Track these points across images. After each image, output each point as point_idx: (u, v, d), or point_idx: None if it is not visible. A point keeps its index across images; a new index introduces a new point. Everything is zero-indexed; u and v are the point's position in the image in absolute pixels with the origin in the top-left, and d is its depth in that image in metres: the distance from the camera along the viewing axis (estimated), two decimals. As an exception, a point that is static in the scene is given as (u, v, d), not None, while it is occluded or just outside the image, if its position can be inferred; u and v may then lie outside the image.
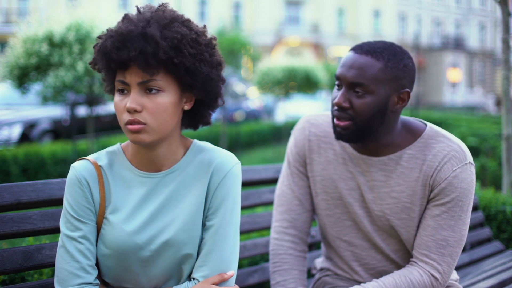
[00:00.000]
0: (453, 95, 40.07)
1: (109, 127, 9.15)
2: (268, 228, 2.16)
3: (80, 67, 5.51)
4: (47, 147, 7.13)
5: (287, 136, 10.37)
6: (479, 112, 24.65)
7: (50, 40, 5.65)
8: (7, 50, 6.03)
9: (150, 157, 1.38)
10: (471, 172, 1.61)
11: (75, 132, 7.17)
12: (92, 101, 6.13)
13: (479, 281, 2.05)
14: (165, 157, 1.38)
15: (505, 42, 3.35)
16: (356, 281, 1.77)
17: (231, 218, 1.39)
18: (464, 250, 2.54)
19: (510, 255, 2.53)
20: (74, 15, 5.86)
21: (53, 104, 6.53)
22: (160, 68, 1.28)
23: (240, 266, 2.44)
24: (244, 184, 2.20)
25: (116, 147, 1.43)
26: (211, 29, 1.46)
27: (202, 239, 1.38)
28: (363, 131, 1.60)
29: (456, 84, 41.60)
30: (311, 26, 36.96)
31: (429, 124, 1.69)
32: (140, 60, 1.25)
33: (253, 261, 2.51)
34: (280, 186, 1.85)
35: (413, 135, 1.66)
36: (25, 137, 8.29)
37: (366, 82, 1.56)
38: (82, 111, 8.16)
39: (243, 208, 2.14)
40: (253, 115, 15.21)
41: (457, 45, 43.03)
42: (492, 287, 2.00)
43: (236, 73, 15.95)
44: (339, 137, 1.63)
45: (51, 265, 1.54)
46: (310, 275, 2.29)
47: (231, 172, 1.40)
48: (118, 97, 1.32)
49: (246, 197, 2.13)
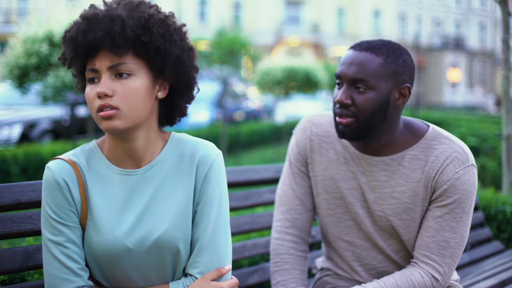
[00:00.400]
0: (453, 95, 40.06)
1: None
2: (268, 228, 2.16)
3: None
4: (47, 147, 7.12)
5: (287, 136, 10.36)
6: (479, 112, 24.64)
7: (50, 40, 5.64)
8: (7, 50, 6.02)
9: (127, 151, 1.33)
10: (473, 174, 1.61)
11: (75, 132, 7.17)
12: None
13: (479, 281, 2.05)
14: (143, 150, 1.33)
15: (505, 42, 3.35)
16: (356, 281, 1.77)
17: (220, 210, 1.36)
18: (464, 250, 2.53)
19: (510, 255, 2.53)
20: (74, 15, 5.85)
21: (53, 104, 6.52)
22: (128, 49, 1.25)
23: (240, 266, 2.44)
24: (244, 184, 2.20)
25: (92, 143, 1.37)
26: (211, 29, 1.45)
27: (192, 234, 1.34)
28: (365, 127, 1.60)
29: (456, 84, 41.60)
30: (311, 26, 36.96)
31: (431, 125, 1.69)
32: (107, 40, 1.22)
33: (253, 261, 2.51)
34: (281, 186, 1.85)
35: (415, 136, 1.66)
36: (25, 137, 8.28)
37: (367, 77, 1.56)
38: (82, 111, 8.17)
39: (243, 208, 2.14)
40: (253, 115, 15.19)
41: (457, 45, 43.02)
42: (492, 287, 2.00)
43: (236, 73, 15.93)
44: (341, 135, 1.63)
45: (51, 265, 1.53)
46: (310, 275, 2.29)
47: (215, 163, 1.36)
48: (89, 86, 1.28)
49: (246, 197, 2.13)
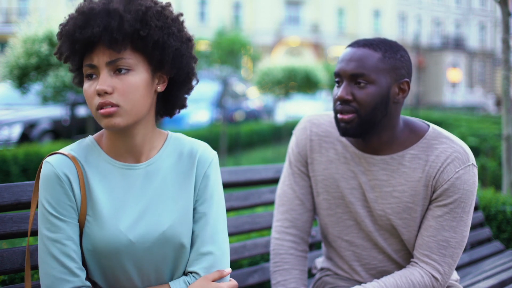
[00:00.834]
0: (453, 95, 40.06)
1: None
2: (268, 228, 2.16)
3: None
4: (47, 147, 7.12)
5: (287, 136, 10.36)
6: (479, 112, 24.64)
7: (50, 40, 5.64)
8: (7, 50, 6.02)
9: (127, 146, 1.32)
10: (473, 173, 1.61)
11: (75, 132, 7.18)
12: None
13: (479, 281, 2.05)
14: (142, 145, 1.33)
15: (505, 42, 3.35)
16: (356, 281, 1.77)
17: (218, 208, 1.37)
18: (464, 250, 2.53)
19: (510, 255, 2.53)
20: (74, 15, 5.85)
21: (53, 104, 6.53)
22: (127, 44, 1.23)
23: (240, 266, 2.44)
24: (244, 184, 2.20)
25: (89, 139, 1.35)
26: (211, 29, 1.46)
27: (193, 230, 1.34)
28: (367, 123, 1.60)
29: (456, 84, 41.60)
30: (311, 26, 36.96)
31: (431, 125, 1.70)
32: (105, 36, 1.20)
33: (253, 261, 2.51)
34: (281, 186, 1.85)
35: (415, 136, 1.67)
36: (25, 137, 8.27)
37: (367, 72, 1.58)
38: (82, 111, 8.17)
39: (243, 208, 2.14)
40: (253, 115, 15.19)
41: (457, 45, 43.02)
42: (492, 287, 2.00)
43: (236, 73, 15.93)
44: (343, 132, 1.63)
45: (51, 265, 1.53)
46: (310, 275, 2.29)
47: (213, 162, 1.39)
48: (87, 83, 1.26)
49: (246, 197, 2.13)
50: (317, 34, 36.88)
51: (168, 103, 1.38)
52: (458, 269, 2.34)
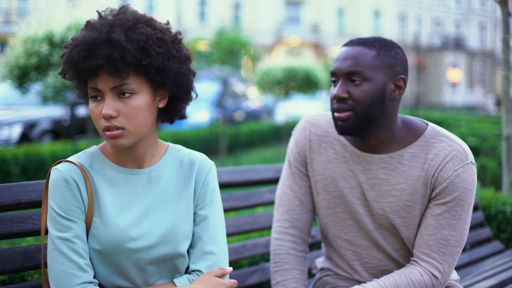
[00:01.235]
0: (453, 95, 40.06)
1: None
2: (268, 228, 2.16)
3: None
4: (47, 147, 7.12)
5: (287, 136, 10.36)
6: (479, 112, 24.64)
7: (50, 40, 5.64)
8: (7, 50, 6.02)
9: (130, 156, 1.40)
10: (472, 171, 1.61)
11: (75, 132, 7.17)
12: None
13: (479, 281, 2.05)
14: (144, 153, 1.41)
15: (505, 42, 3.35)
16: (356, 281, 1.77)
17: (218, 212, 1.47)
18: (464, 250, 2.54)
19: (510, 255, 2.53)
20: (74, 15, 5.86)
21: (53, 104, 6.52)
22: (129, 72, 1.28)
23: (240, 266, 2.44)
24: (244, 184, 2.20)
25: (94, 149, 1.43)
26: (211, 29, 1.47)
27: (194, 232, 1.43)
28: (364, 120, 1.61)
29: (456, 84, 41.60)
30: (311, 26, 36.96)
31: (430, 124, 1.70)
32: (108, 66, 1.26)
33: (253, 261, 2.51)
34: (281, 186, 1.85)
35: (414, 134, 1.67)
36: (25, 137, 8.28)
37: (362, 69, 1.59)
38: (82, 111, 8.16)
39: (243, 208, 2.14)
40: (253, 115, 15.19)
41: (457, 45, 43.01)
42: (492, 287, 2.00)
43: (236, 73, 15.94)
44: (341, 131, 1.63)
45: (51, 265, 1.53)
46: (310, 275, 2.29)
47: (212, 170, 1.50)
48: (93, 103, 1.32)
49: (246, 197, 2.13)
50: (317, 34, 36.88)
51: (169, 114, 1.46)
52: (458, 269, 2.34)
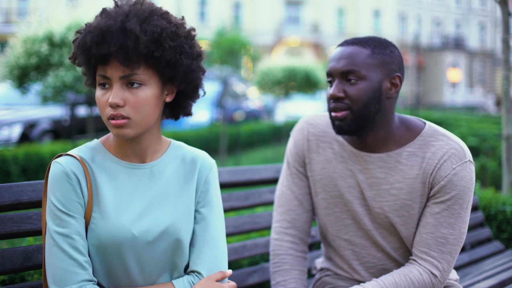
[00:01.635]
0: (453, 95, 40.06)
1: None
2: (268, 228, 2.16)
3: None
4: (47, 147, 7.12)
5: (287, 136, 10.36)
6: (479, 112, 24.64)
7: (50, 40, 5.65)
8: (7, 50, 6.03)
9: (133, 149, 1.38)
10: (470, 170, 1.61)
11: (75, 132, 7.18)
12: (92, 101, 6.13)
13: (479, 281, 2.05)
14: (147, 147, 1.39)
15: (505, 42, 3.35)
16: (356, 281, 1.77)
17: (218, 211, 1.46)
18: (464, 250, 2.54)
19: (510, 255, 2.53)
20: (74, 15, 5.87)
21: (53, 104, 6.53)
22: (140, 62, 1.28)
23: (240, 266, 2.44)
24: (244, 184, 2.20)
25: (95, 142, 1.41)
26: (211, 29, 1.47)
27: (194, 230, 1.42)
28: (361, 119, 1.61)
29: (456, 84, 41.60)
30: (311, 26, 36.96)
31: (428, 123, 1.70)
32: (120, 55, 1.25)
33: (253, 261, 2.51)
34: (280, 187, 1.85)
35: (412, 133, 1.67)
36: (25, 137, 8.28)
37: (357, 68, 1.59)
38: (82, 111, 8.16)
39: (243, 208, 2.14)
40: (253, 115, 15.19)
41: (457, 45, 43.02)
42: (492, 287, 2.01)
43: (236, 73, 15.94)
44: (338, 130, 1.64)
45: (51, 265, 1.53)
46: (310, 275, 2.29)
47: (213, 169, 1.48)
48: (100, 91, 1.31)
49: (246, 197, 2.13)
50: (317, 34, 36.88)
51: (175, 110, 1.45)
52: (458, 269, 2.34)
